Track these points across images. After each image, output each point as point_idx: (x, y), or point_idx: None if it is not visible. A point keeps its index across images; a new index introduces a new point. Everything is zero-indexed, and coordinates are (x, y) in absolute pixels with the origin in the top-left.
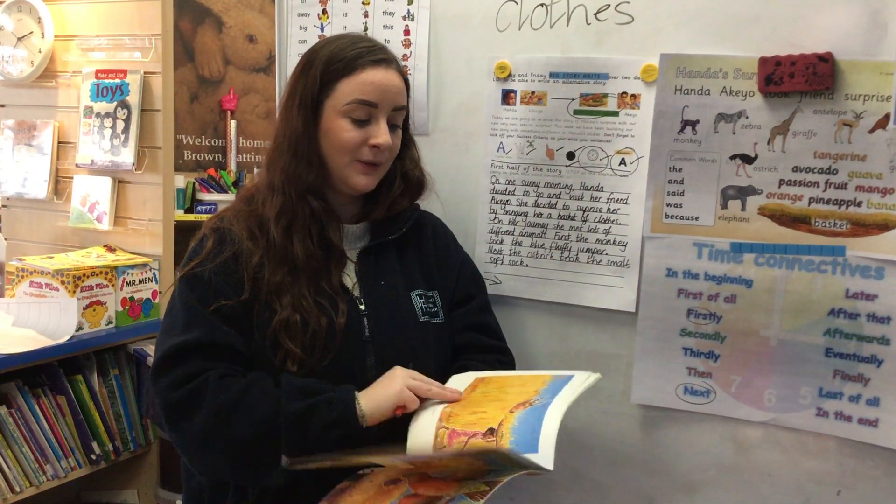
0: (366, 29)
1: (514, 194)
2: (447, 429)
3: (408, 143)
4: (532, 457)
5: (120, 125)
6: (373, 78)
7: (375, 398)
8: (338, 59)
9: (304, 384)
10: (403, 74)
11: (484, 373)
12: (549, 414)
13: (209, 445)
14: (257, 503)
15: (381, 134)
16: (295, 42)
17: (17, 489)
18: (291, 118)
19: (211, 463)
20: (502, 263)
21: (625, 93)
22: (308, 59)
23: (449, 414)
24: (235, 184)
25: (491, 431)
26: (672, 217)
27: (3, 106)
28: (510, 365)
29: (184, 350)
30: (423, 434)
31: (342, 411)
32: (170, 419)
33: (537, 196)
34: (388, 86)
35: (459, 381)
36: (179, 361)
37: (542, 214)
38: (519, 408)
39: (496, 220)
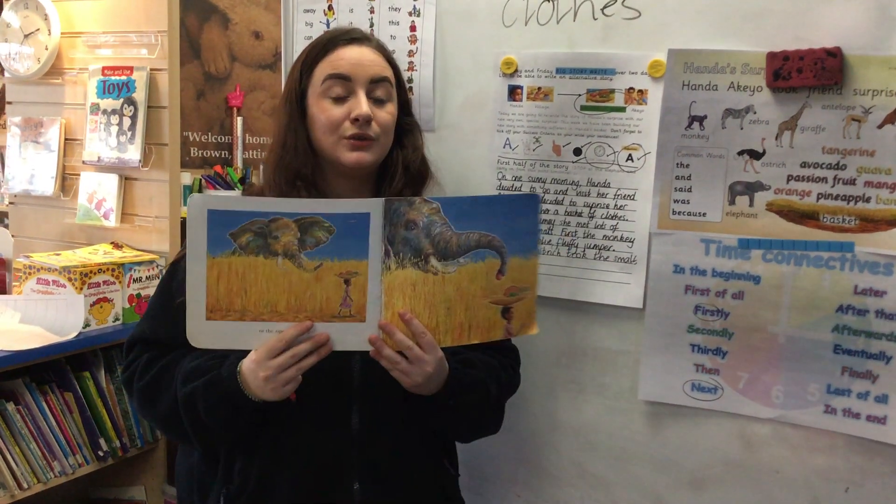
0: (371, 25)
1: (520, 190)
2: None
3: (410, 128)
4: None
5: (126, 122)
6: (344, 55)
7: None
8: (314, 47)
9: (195, 367)
10: (385, 50)
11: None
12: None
13: (148, 420)
14: (241, 486)
15: (360, 105)
16: (301, 38)
17: (25, 485)
18: (280, 116)
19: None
20: None
21: (632, 88)
22: (296, 60)
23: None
24: (242, 180)
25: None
26: (679, 213)
27: (10, 103)
28: (508, 368)
29: (132, 340)
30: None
31: (225, 389)
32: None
33: (544, 192)
34: (361, 59)
35: None
36: (129, 350)
37: (548, 210)
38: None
39: None
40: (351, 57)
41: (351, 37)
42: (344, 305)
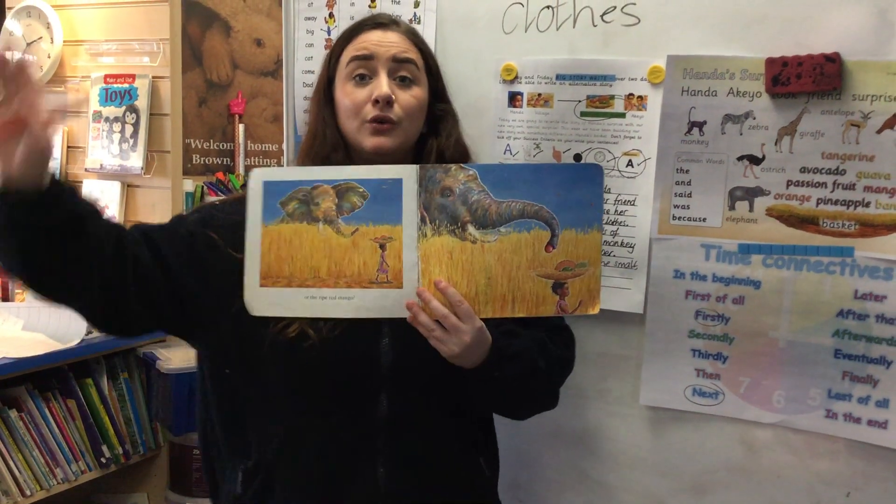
0: None
1: None
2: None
3: (443, 114)
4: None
5: (129, 129)
6: (368, 38)
7: None
8: (342, 34)
9: None
10: (414, 35)
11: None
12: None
13: None
14: (258, 462)
15: (381, 86)
16: (302, 46)
17: (28, 493)
18: (311, 107)
19: None
20: None
21: (631, 94)
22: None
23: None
24: (244, 187)
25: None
26: (679, 218)
27: None
28: (559, 345)
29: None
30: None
31: None
32: None
33: None
34: (384, 41)
35: None
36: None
37: None
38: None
39: None
40: (374, 39)
41: (377, 21)
42: (381, 271)
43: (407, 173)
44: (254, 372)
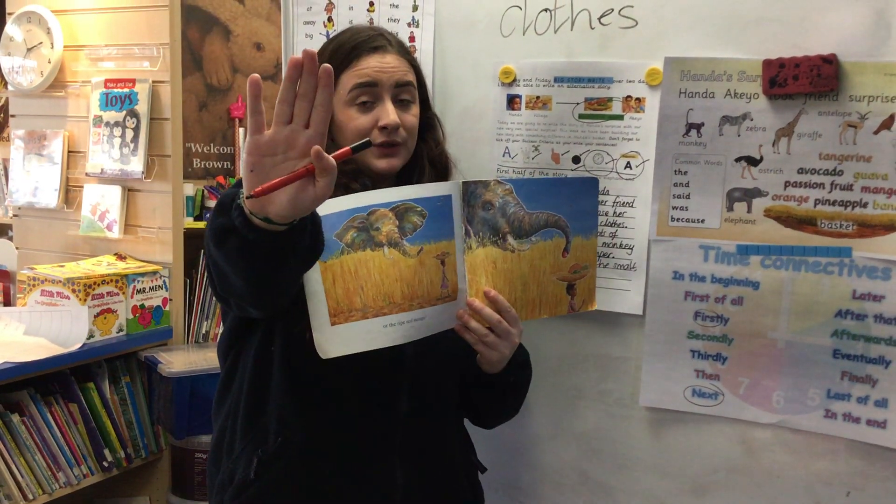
0: None
1: None
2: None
3: (430, 122)
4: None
5: (129, 134)
6: (369, 63)
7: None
8: (338, 54)
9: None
10: (408, 54)
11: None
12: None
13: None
14: (279, 451)
15: (388, 114)
16: (301, 50)
17: (31, 497)
18: None
19: None
20: None
21: (629, 96)
22: None
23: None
24: None
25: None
26: (678, 220)
27: (13, 116)
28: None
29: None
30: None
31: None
32: None
33: None
34: (385, 66)
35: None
36: None
37: None
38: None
39: None
40: (376, 65)
41: (375, 45)
42: (443, 286)
43: (454, 189)
44: (291, 356)
